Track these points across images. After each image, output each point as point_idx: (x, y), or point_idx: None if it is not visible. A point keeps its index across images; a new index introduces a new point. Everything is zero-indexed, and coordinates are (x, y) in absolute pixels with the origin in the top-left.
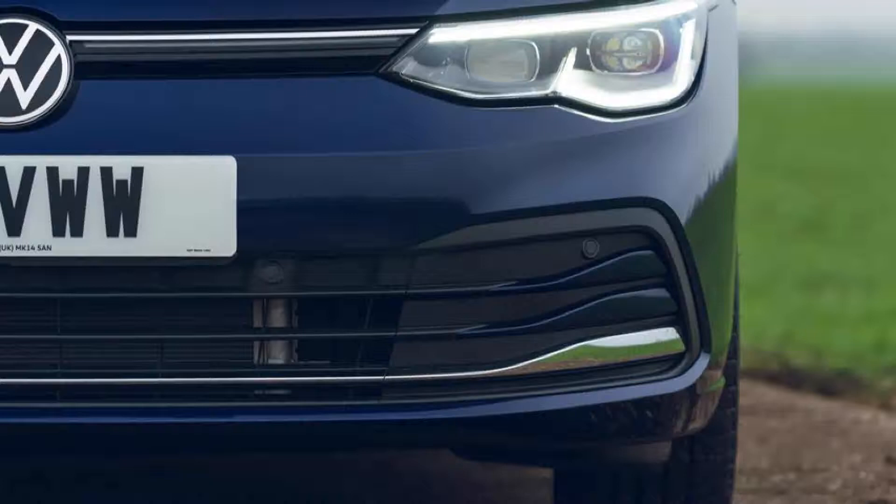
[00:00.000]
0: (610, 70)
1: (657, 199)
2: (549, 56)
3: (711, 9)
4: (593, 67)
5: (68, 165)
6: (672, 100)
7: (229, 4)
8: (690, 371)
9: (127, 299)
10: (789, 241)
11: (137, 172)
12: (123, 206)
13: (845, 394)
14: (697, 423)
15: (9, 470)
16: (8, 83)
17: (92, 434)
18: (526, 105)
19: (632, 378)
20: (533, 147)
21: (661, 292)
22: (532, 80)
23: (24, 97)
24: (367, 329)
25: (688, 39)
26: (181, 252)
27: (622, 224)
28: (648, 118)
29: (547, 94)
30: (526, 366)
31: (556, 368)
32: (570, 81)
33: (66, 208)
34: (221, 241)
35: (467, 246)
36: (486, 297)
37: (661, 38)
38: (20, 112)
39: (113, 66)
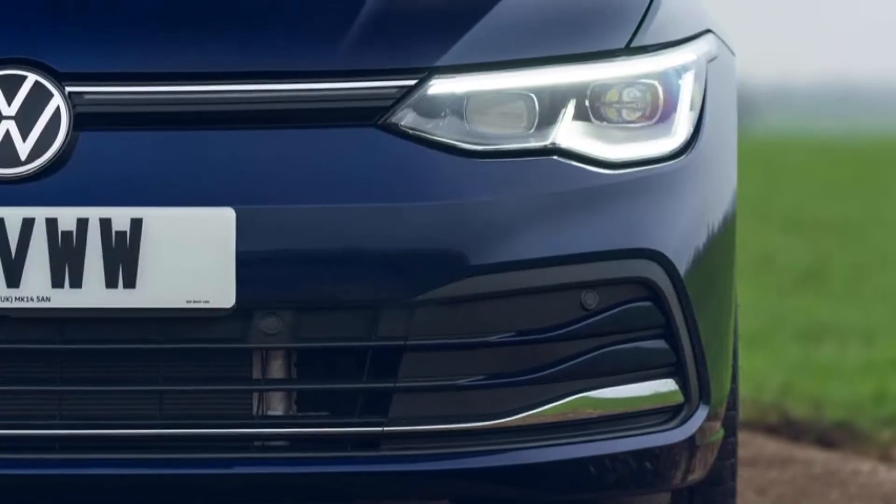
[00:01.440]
0: (609, 121)
1: (656, 251)
2: (549, 107)
3: (710, 60)
4: (592, 119)
5: (67, 217)
6: (671, 151)
7: (228, 56)
8: (689, 422)
9: (126, 350)
10: (788, 293)
11: (136, 224)
12: (122, 257)
13: (844, 445)
14: (697, 475)
15: None
16: (7, 134)
17: (91, 486)
18: (525, 156)
19: (631, 429)
20: (532, 198)
21: (660, 343)
22: (531, 131)
23: (24, 148)
24: (366, 380)
25: (687, 91)
26: (180, 303)
27: (621, 275)
28: (648, 169)
29: (546, 146)
30: (525, 417)
31: (555, 420)
32: (569, 133)
33: (66, 259)
34: (220, 292)
35: (466, 297)
36: (485, 349)
37: (660, 89)
38: (19, 163)
39: (112, 118)
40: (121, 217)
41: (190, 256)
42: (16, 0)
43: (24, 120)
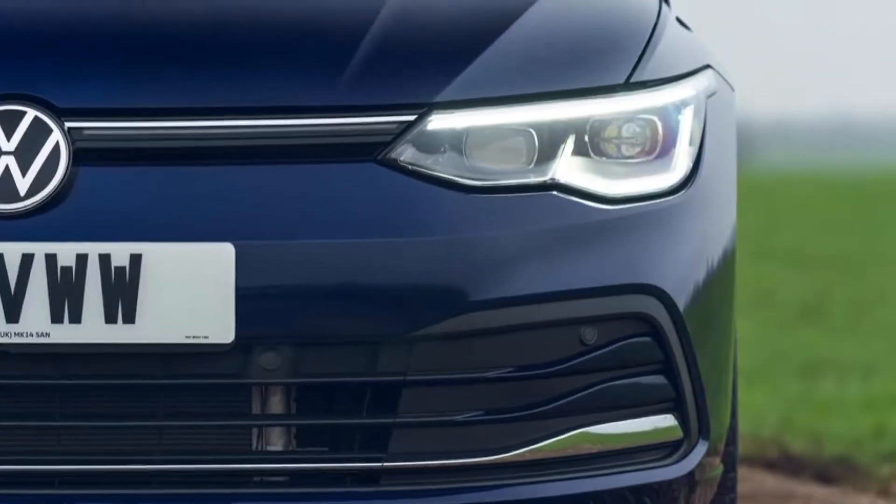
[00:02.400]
0: (608, 157)
1: (656, 286)
2: (548, 143)
3: (710, 95)
4: (592, 154)
5: (67, 252)
6: (671, 186)
7: (228, 91)
8: (689, 458)
9: (125, 386)
10: (788, 328)
11: (136, 259)
12: (122, 292)
13: (844, 480)
14: None
15: None
16: (6, 170)
17: None
18: (524, 192)
19: (630, 465)
20: (531, 234)
21: (659, 379)
22: (530, 166)
23: (23, 184)
24: (366, 416)
25: (686, 126)
26: (179, 339)
27: (621, 311)
28: (647, 205)
29: (545, 181)
30: (524, 452)
31: (555, 455)
32: (568, 168)
33: (65, 295)
34: (220, 327)
35: (466, 333)
36: (484, 384)
37: (659, 124)
38: (18, 199)
39: (111, 153)
40: (120, 252)
41: (189, 292)
42: (15, 36)
43: (24, 155)
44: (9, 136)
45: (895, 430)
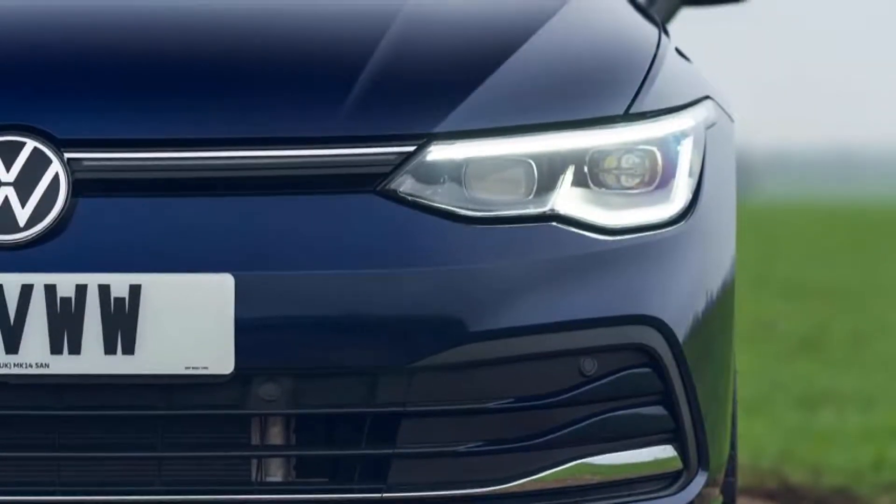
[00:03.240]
0: (608, 187)
1: (655, 317)
2: (547, 174)
3: (709, 126)
4: (591, 185)
5: (66, 283)
6: (670, 217)
7: (227, 122)
8: (688, 489)
9: (125, 417)
10: (787, 359)
11: (135, 290)
12: (121, 323)
13: None
14: None
15: None
16: (6, 201)
17: None
18: (524, 222)
19: (630, 495)
20: (531, 265)
21: (658, 410)
22: (530, 197)
23: (22, 215)
24: (365, 446)
25: (686, 157)
26: (179, 370)
27: (620, 342)
28: (646, 236)
29: (545, 212)
30: (524, 483)
31: (554, 486)
32: (567, 199)
33: (64, 326)
34: (219, 358)
35: (465, 364)
36: (484, 415)
37: (658, 155)
38: (18, 230)
39: (111, 184)
40: (119, 283)
41: (189, 323)
42: (15, 67)
43: (23, 186)
44: (8, 167)
45: (894, 462)
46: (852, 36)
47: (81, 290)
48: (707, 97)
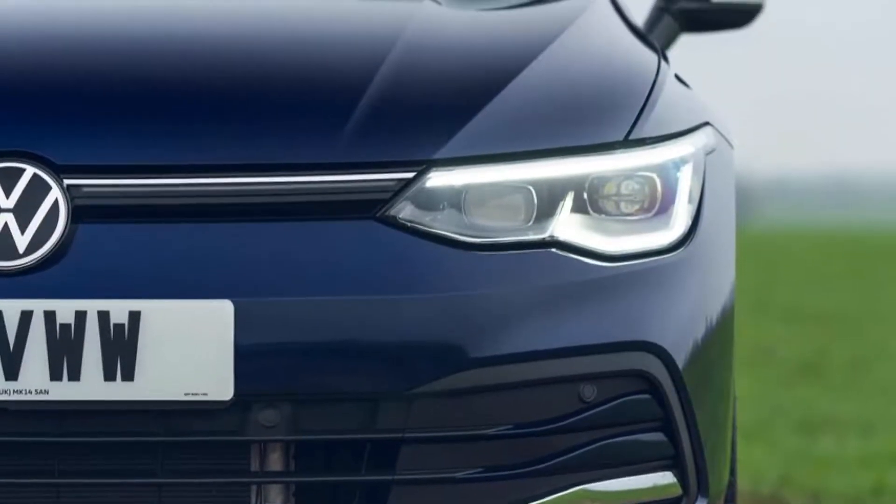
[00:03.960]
0: (607, 214)
1: (655, 344)
2: (547, 200)
3: (709, 152)
4: (591, 211)
5: (65, 309)
6: (669, 244)
7: (226, 148)
8: None
9: (124, 443)
10: (787, 385)
11: (135, 316)
12: (121, 350)
13: None
14: None
15: None
16: (5, 227)
17: None
18: (523, 249)
19: None
20: (530, 291)
21: (658, 436)
22: (529, 223)
23: (22, 241)
24: (365, 472)
25: (685, 183)
26: (178, 396)
27: (620, 368)
28: (646, 262)
29: (544, 238)
30: None
31: None
32: (567, 225)
33: (64, 352)
34: (219, 384)
35: (465, 390)
36: (483, 441)
37: (658, 182)
38: (17, 256)
39: (110, 210)
40: (119, 310)
41: (188, 349)
42: (14, 93)
43: (23, 212)
44: (8, 193)
45: (894, 488)
46: (852, 62)
47: (81, 316)
48: (706, 123)
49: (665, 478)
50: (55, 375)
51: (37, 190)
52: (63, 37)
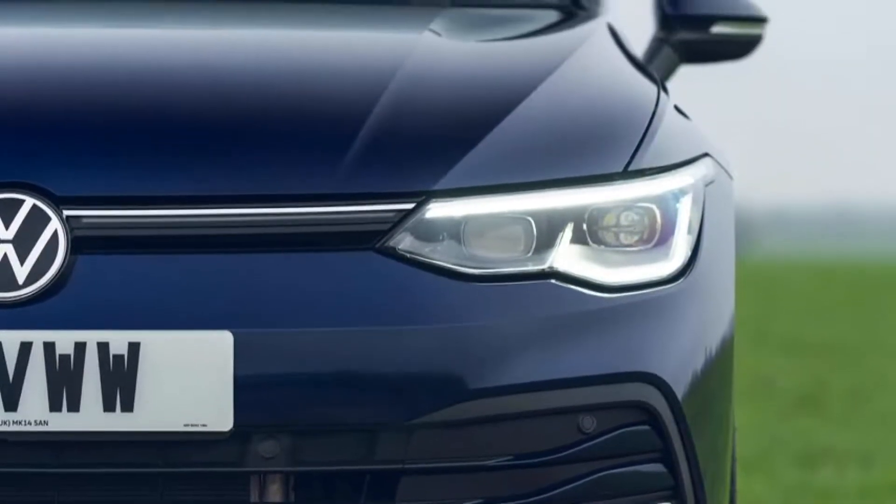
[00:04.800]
0: (607, 245)
1: (654, 375)
2: (546, 231)
3: (708, 183)
4: (590, 242)
5: (65, 341)
6: (669, 275)
7: (225, 179)
8: None
9: (124, 474)
10: (786, 416)
11: (134, 347)
12: (120, 381)
13: None
14: None
15: None
16: (4, 258)
17: None
18: (523, 280)
19: None
20: (530, 322)
21: (658, 467)
22: (529, 254)
23: (21, 272)
24: (365, 503)
25: (685, 214)
26: (178, 427)
27: (619, 399)
28: (645, 293)
29: (544, 269)
30: None
31: None
32: (566, 256)
33: (63, 383)
34: (218, 415)
35: (464, 421)
36: (483, 472)
37: (657, 213)
38: (17, 287)
39: (110, 241)
40: (118, 341)
41: (188, 380)
42: (14, 124)
43: (22, 243)
44: (7, 225)
45: None
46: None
47: (80, 347)
48: (706, 154)
49: None
50: (55, 406)
51: (36, 221)
52: (62, 68)
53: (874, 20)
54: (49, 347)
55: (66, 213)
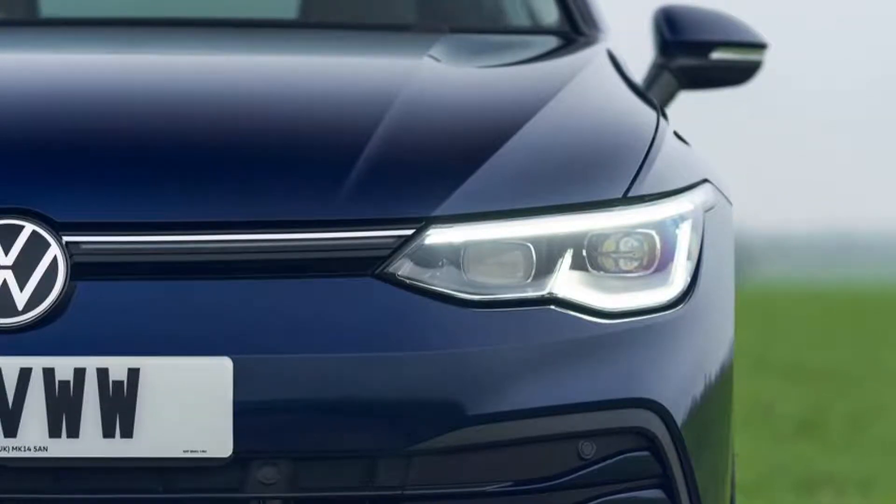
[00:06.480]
0: (606, 271)
1: (654, 401)
2: (546, 257)
3: (707, 210)
4: (589, 268)
5: (64, 367)
6: (668, 301)
7: (225, 206)
8: None
9: (123, 500)
10: (786, 442)
11: (133, 373)
12: (120, 407)
13: None
14: None
15: None
16: (4, 284)
17: None
18: (522, 306)
19: None
20: (529, 348)
21: (657, 493)
22: (528, 281)
23: (20, 298)
24: None
25: (684, 241)
26: (177, 453)
27: (619, 425)
28: (645, 319)
29: (543, 296)
30: None
31: None
32: (566, 282)
33: (63, 409)
34: (217, 441)
35: (464, 447)
36: (482, 498)
37: (657, 239)
38: (16, 313)
39: (109, 267)
40: (118, 367)
41: (187, 406)
42: (13, 150)
43: (22, 269)
44: (7, 251)
45: None
46: (851, 120)
47: (80, 373)
48: (705, 180)
49: None
50: (54, 432)
51: (36, 247)
52: (62, 94)
53: (876, 50)
54: (48, 373)
55: (65, 238)
